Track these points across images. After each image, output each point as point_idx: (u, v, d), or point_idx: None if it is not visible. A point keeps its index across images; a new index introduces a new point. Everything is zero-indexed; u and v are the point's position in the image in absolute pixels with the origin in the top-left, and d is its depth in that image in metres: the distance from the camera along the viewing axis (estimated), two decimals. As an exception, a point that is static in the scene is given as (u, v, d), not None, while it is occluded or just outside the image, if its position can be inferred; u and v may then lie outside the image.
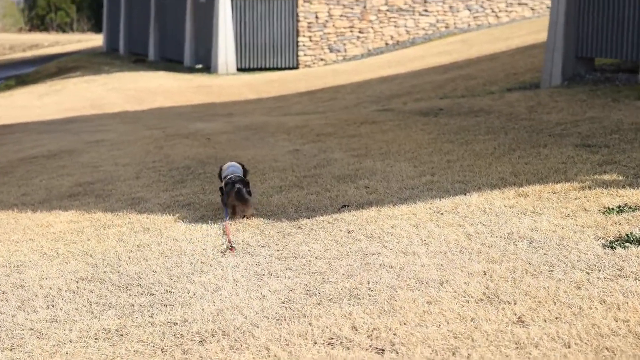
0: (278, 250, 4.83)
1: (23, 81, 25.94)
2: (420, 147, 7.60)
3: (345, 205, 5.65)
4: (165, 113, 14.16)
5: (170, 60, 25.14)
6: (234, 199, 5.41)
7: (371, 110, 12.27)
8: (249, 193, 5.47)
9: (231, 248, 4.89)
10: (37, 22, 70.68)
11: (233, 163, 5.84)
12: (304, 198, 5.99)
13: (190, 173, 7.39)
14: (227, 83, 18.47)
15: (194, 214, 5.84)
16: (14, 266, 4.98)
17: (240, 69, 21.94)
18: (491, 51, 16.91)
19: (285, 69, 22.18)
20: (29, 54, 36.96)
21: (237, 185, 5.38)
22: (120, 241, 5.31)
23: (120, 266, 4.80)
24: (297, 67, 22.23)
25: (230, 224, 5.40)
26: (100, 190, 7.04)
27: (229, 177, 5.55)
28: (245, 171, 5.84)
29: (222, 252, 4.92)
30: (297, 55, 22.27)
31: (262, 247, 4.93)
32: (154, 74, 21.84)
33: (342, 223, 5.22)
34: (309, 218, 5.42)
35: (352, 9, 22.58)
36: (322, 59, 22.44)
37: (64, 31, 68.31)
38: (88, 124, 13.14)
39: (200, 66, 23.10)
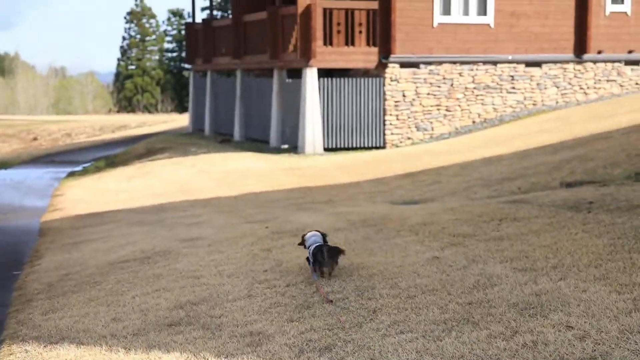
0: None
1: (112, 162, 24.85)
2: (601, 258, 5.66)
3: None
4: (260, 200, 12.52)
5: (256, 140, 23.73)
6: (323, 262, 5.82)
7: (487, 196, 10.38)
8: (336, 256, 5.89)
9: (329, 301, 5.16)
10: (125, 103, 71.43)
11: (314, 232, 6.21)
12: (489, 346, 4.11)
13: (314, 292, 5.60)
14: (317, 164, 16.84)
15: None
16: None
17: (327, 149, 20.35)
18: (599, 130, 14.91)
19: (372, 148, 20.50)
20: (117, 134, 36.30)
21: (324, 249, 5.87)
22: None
23: None
24: (384, 147, 20.53)
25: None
26: (206, 317, 5.29)
27: (314, 246, 5.97)
28: (324, 239, 6.16)
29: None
30: (384, 135, 20.59)
31: None
32: (240, 154, 20.39)
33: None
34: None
35: (439, 87, 20.89)
36: (409, 138, 20.71)
37: (149, 112, 68.76)
38: (180, 213, 11.57)
39: (286, 146, 21.60)
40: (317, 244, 5.95)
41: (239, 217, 10.16)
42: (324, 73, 20.82)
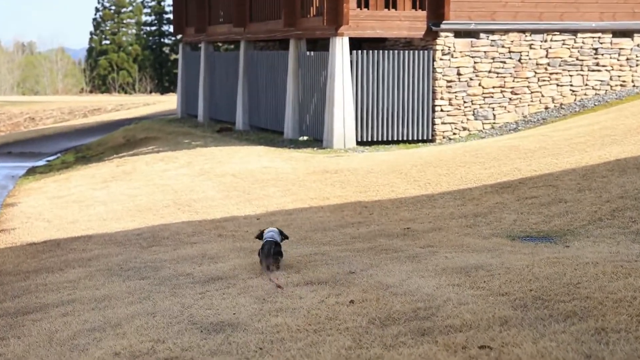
0: None
1: (83, 157, 21.35)
2: None
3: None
4: (298, 224, 9.09)
5: (264, 130, 20.26)
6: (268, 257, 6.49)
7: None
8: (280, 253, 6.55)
9: (279, 286, 5.81)
10: (99, 82, 67.55)
11: (272, 228, 6.82)
12: None
13: None
14: (358, 165, 13.40)
15: None
16: None
17: (360, 143, 16.92)
18: None
19: (416, 142, 17.10)
20: (90, 119, 32.71)
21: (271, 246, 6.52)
22: None
23: None
24: (432, 140, 17.11)
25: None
26: None
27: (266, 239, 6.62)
28: (283, 237, 6.76)
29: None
30: (433, 124, 17.16)
31: None
32: (249, 149, 16.92)
33: None
34: None
35: (503, 63, 17.44)
36: (464, 128, 17.29)
37: (126, 92, 64.95)
38: (183, 250, 8.12)
39: (305, 138, 18.16)
40: (269, 240, 6.58)
41: (286, 269, 6.73)
42: (353, 44, 17.34)
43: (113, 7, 68.04)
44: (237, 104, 21.34)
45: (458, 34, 17.12)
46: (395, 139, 17.09)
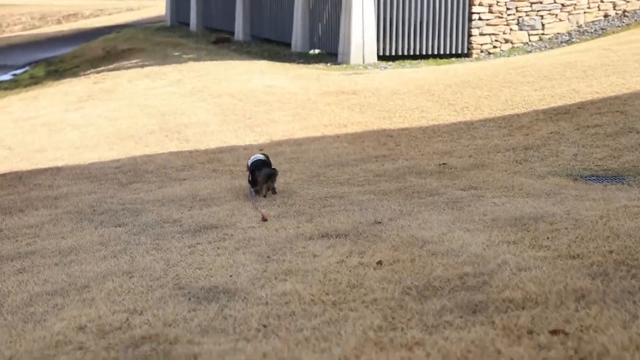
0: None
1: (56, 71, 20.76)
2: None
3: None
4: (310, 158, 8.53)
5: (268, 42, 19.58)
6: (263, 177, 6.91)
7: None
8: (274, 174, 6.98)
9: (264, 219, 6.01)
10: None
11: (257, 155, 7.27)
12: None
13: None
14: (381, 85, 12.76)
15: None
16: None
17: (382, 57, 16.26)
18: None
19: (448, 56, 16.45)
20: (65, 27, 31.96)
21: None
22: None
23: None
24: (467, 54, 16.44)
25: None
26: None
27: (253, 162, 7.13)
28: (267, 161, 7.18)
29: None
30: (470, 35, 16.44)
31: None
32: (250, 64, 16.27)
33: None
34: None
35: (555, -38, 16.62)
36: (506, 41, 16.56)
37: (108, -6, 63.82)
38: (170, 189, 7.62)
39: (317, 52, 17.52)
40: (255, 164, 7.08)
41: (295, 216, 6.22)
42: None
43: None
44: (237, 10, 20.59)
45: None
46: (424, 53, 16.46)
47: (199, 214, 6.49)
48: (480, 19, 16.42)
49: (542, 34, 16.73)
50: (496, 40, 16.59)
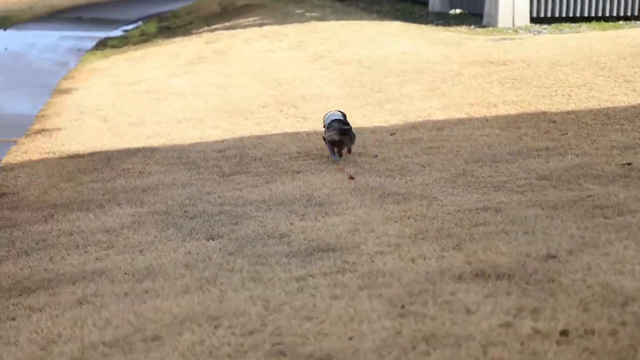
0: None
1: (168, 27, 20.03)
2: None
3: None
4: (456, 149, 7.27)
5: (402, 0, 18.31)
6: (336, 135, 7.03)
7: None
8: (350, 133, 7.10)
9: (351, 177, 6.35)
10: None
11: (333, 112, 7.38)
12: None
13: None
14: (537, 54, 11.34)
15: None
16: None
17: (535, 20, 14.81)
18: None
19: (614, 19, 14.92)
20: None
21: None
22: None
23: None
24: (638, 17, 14.78)
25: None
26: None
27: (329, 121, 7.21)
28: (344, 116, 7.31)
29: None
30: (642, -6, 14.84)
31: None
32: (382, 25, 15.05)
33: None
34: None
35: None
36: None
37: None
38: (280, 185, 6.51)
39: (458, 12, 16.22)
40: (333, 121, 7.14)
41: (437, 239, 5.01)
42: None
43: None
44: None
45: None
46: (586, 14, 15.02)
47: (313, 226, 5.34)
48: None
49: None
50: (674, 1, 14.87)
